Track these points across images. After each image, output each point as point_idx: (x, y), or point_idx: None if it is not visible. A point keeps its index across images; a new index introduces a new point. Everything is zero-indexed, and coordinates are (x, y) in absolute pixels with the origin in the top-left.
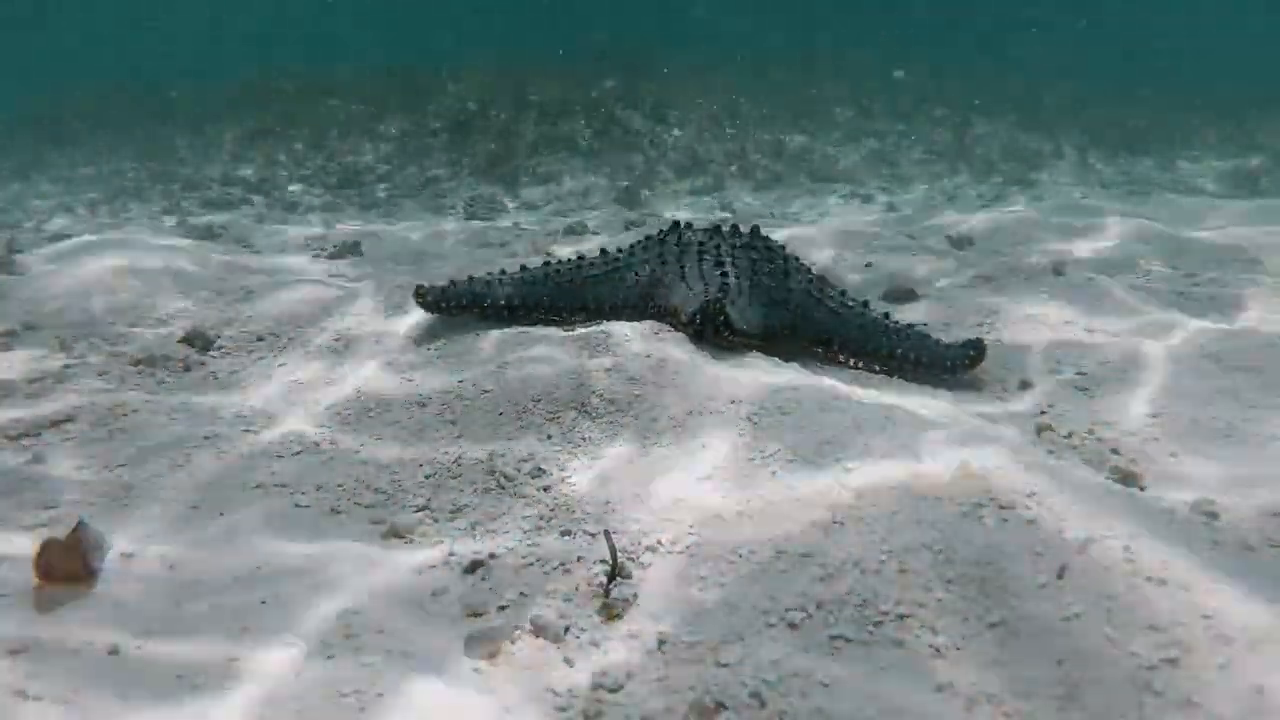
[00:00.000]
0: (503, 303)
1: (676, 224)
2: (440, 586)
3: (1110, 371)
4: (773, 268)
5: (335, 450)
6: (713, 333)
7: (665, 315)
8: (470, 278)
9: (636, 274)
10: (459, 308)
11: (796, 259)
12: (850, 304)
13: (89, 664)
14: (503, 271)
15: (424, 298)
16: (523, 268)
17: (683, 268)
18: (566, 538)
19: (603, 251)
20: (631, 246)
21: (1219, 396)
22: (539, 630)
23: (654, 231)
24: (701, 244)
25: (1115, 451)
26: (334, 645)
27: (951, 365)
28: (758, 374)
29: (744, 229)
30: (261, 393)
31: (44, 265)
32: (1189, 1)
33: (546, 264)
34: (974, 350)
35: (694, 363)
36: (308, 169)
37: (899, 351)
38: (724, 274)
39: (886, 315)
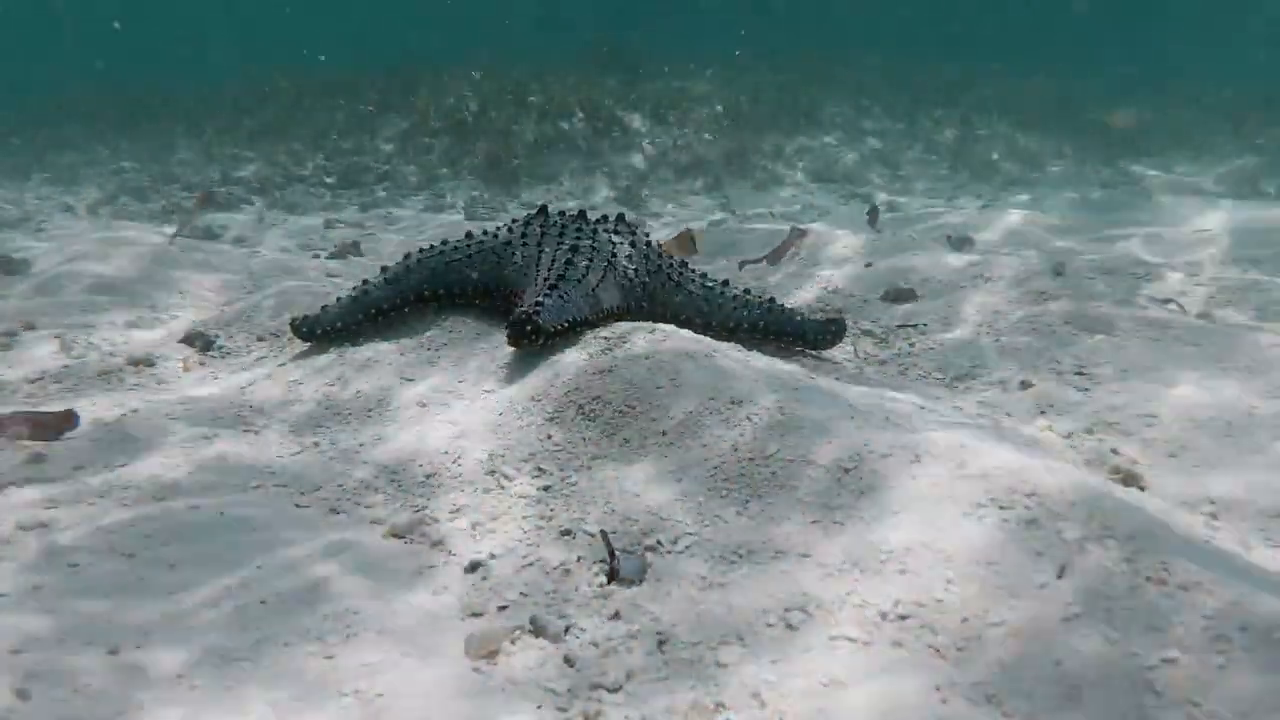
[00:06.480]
0: (373, 311)
1: (544, 207)
2: (440, 586)
3: (1111, 371)
4: (634, 251)
5: (335, 450)
6: (525, 340)
7: (513, 300)
8: (339, 298)
9: (498, 255)
10: (336, 330)
11: (659, 244)
12: (710, 284)
13: None
14: (365, 281)
15: (300, 329)
16: (383, 269)
17: (540, 251)
18: (566, 538)
19: (468, 234)
20: (498, 228)
21: (1218, 397)
22: (539, 630)
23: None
24: (563, 228)
25: (1115, 451)
26: (334, 645)
27: (813, 339)
28: (762, 372)
29: (611, 215)
30: (263, 393)
31: (44, 265)
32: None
33: (407, 256)
34: (835, 327)
35: (695, 363)
36: (307, 169)
37: (762, 324)
38: (569, 262)
39: (747, 291)
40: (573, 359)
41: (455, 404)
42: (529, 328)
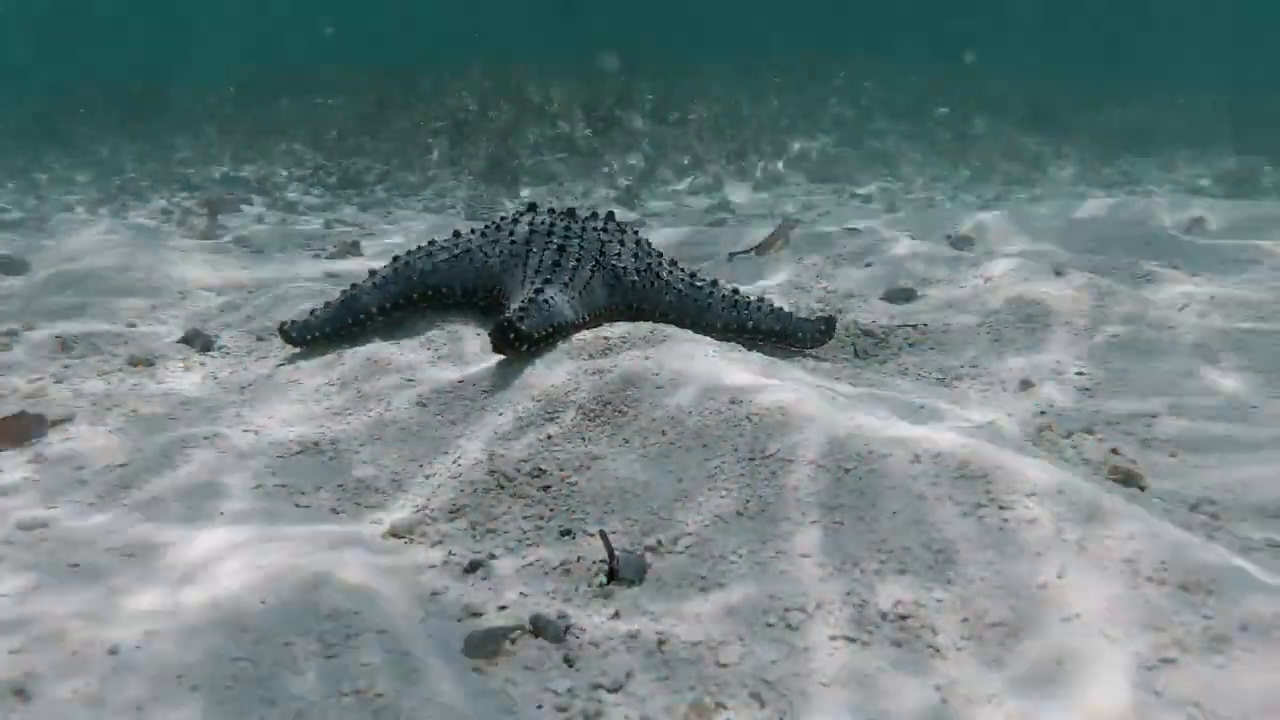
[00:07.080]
0: (362, 316)
1: (533, 205)
2: (440, 586)
3: (1111, 371)
4: (623, 250)
5: (335, 450)
6: (509, 348)
7: (501, 301)
8: (327, 303)
9: (486, 255)
10: (325, 335)
11: (648, 242)
12: (700, 284)
13: None
14: (353, 285)
15: (289, 334)
16: (371, 272)
17: (528, 252)
18: (566, 538)
19: (455, 233)
20: (485, 226)
21: (1218, 396)
22: (539, 630)
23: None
24: (551, 226)
25: (1115, 451)
26: (334, 646)
27: (804, 337)
28: (760, 372)
29: (601, 213)
30: (262, 393)
31: (44, 265)
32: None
33: (395, 259)
34: (825, 325)
35: (694, 362)
36: (307, 169)
37: (751, 324)
38: (556, 264)
39: (736, 290)
40: (572, 358)
41: (455, 404)
42: (511, 335)
